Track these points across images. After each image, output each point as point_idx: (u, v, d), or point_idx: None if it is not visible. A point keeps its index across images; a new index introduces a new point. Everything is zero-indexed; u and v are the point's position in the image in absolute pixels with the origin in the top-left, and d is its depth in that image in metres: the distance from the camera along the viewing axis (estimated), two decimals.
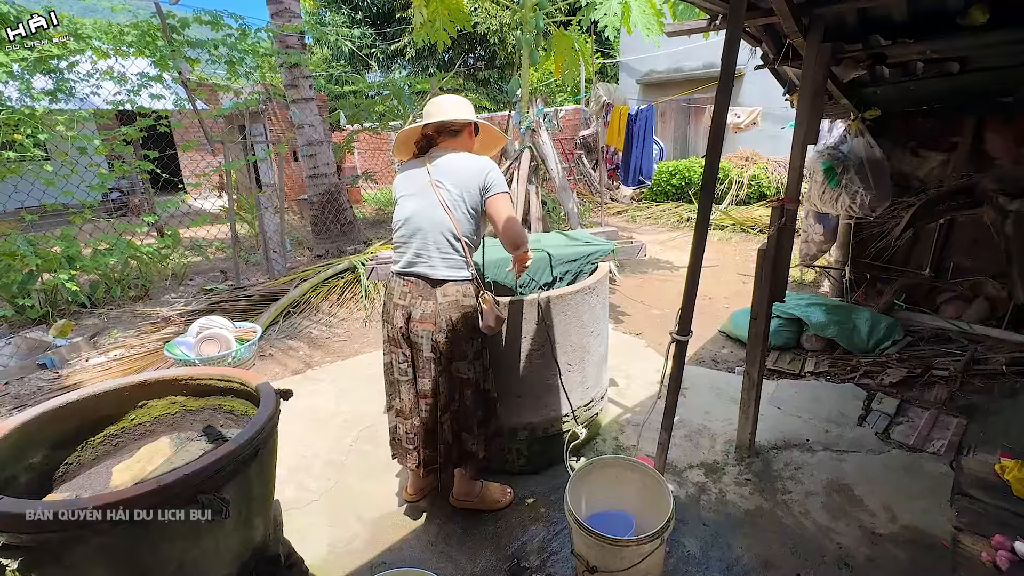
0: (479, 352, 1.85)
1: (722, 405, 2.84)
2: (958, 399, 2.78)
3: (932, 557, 1.80)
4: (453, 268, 1.77)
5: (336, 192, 6.28)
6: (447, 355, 1.79)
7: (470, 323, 1.79)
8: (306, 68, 5.90)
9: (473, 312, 1.79)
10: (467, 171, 1.78)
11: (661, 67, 10.70)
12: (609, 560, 1.57)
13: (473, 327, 1.80)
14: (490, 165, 1.82)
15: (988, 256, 3.43)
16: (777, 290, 2.14)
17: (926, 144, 3.55)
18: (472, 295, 1.80)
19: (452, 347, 1.78)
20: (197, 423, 1.45)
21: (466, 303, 1.77)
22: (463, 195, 1.76)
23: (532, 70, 11.96)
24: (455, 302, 1.76)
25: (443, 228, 1.75)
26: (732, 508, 2.11)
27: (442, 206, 1.75)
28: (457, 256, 1.77)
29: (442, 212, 1.75)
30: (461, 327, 1.77)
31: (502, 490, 2.13)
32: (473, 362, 1.83)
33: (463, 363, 1.81)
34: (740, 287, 4.88)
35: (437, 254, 1.77)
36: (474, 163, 1.81)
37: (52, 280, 4.04)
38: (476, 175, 1.78)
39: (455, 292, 1.76)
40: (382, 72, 16.34)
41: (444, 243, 1.76)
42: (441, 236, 1.76)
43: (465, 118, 1.87)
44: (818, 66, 1.88)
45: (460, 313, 1.76)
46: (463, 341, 1.79)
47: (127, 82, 4.82)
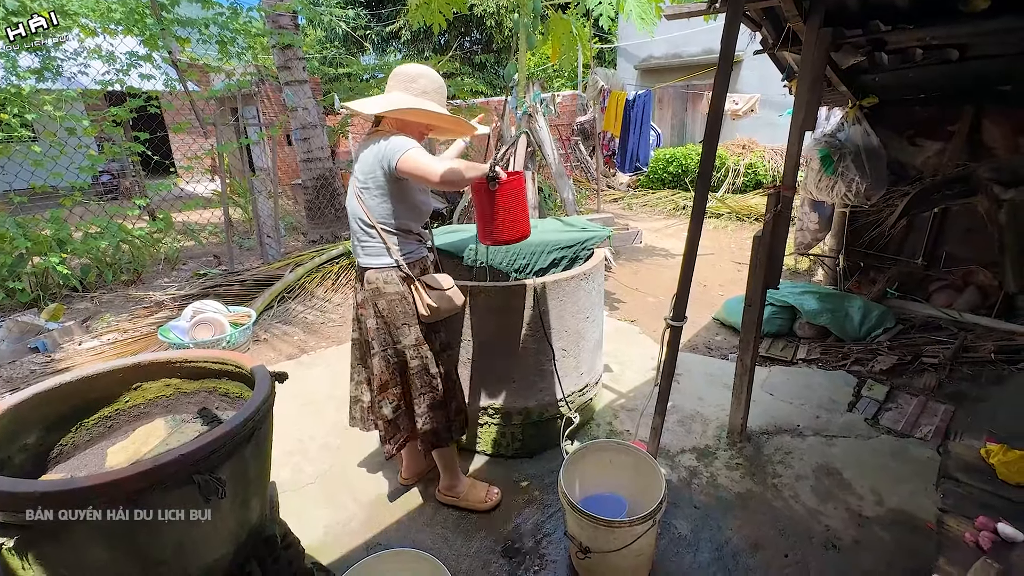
0: (424, 337, 1.80)
1: (715, 391, 2.87)
2: (947, 386, 2.82)
3: (917, 539, 1.85)
4: (371, 255, 1.76)
5: (331, 177, 6.22)
6: (381, 341, 1.79)
7: (399, 309, 1.76)
8: (299, 49, 5.79)
9: (399, 298, 1.76)
10: (371, 155, 1.68)
11: (660, 53, 10.59)
12: (602, 541, 1.59)
13: (405, 313, 1.77)
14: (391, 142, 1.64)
15: (981, 245, 3.45)
16: (771, 277, 2.15)
17: (923, 133, 3.55)
18: (395, 281, 1.75)
19: (385, 333, 1.79)
20: (192, 405, 1.45)
21: (388, 290, 1.75)
22: (368, 180, 1.70)
23: (529, 54, 11.82)
24: (376, 289, 1.75)
25: (357, 216, 1.75)
26: (723, 491, 2.14)
27: (355, 195, 1.74)
28: (374, 242, 1.74)
29: (355, 201, 1.74)
30: (388, 314, 1.76)
31: (488, 491, 2.08)
32: (417, 347, 1.79)
33: (404, 349, 1.79)
34: (735, 275, 4.90)
35: (358, 243, 1.78)
36: (379, 146, 1.67)
37: (43, 263, 3.99)
38: (377, 156, 1.66)
39: (375, 279, 1.75)
40: (377, 55, 16.08)
41: (360, 231, 1.76)
42: (357, 225, 1.76)
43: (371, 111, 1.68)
44: (818, 51, 1.86)
45: (384, 300, 1.75)
46: (394, 327, 1.77)
47: (116, 61, 4.72)
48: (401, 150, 1.62)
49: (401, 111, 1.70)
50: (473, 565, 1.82)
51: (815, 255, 4.37)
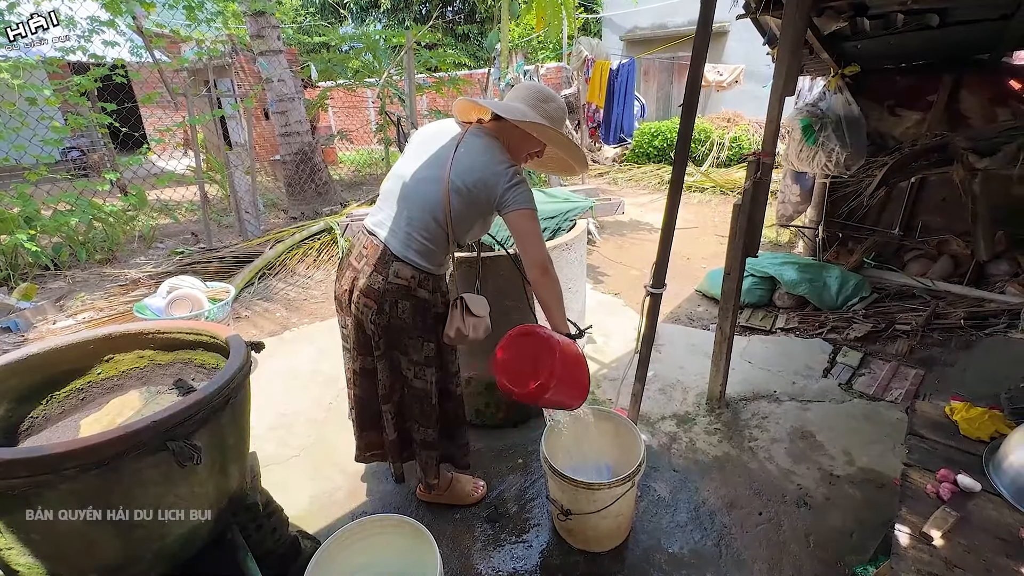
0: (431, 359, 1.62)
1: (696, 360, 2.92)
2: (918, 352, 2.91)
3: (884, 494, 1.93)
4: (419, 253, 1.51)
5: (310, 151, 6.07)
6: (388, 343, 1.58)
7: (419, 318, 1.55)
8: (273, 17, 5.57)
9: (424, 307, 1.55)
10: (487, 169, 1.48)
11: (645, 23, 10.41)
12: (582, 503, 1.63)
13: (422, 326, 1.57)
14: (512, 174, 1.49)
15: (955, 215, 3.52)
16: (751, 245, 2.16)
17: (903, 103, 3.57)
18: (429, 288, 1.55)
19: (393, 337, 1.57)
20: (167, 377, 1.43)
21: (419, 294, 1.53)
22: (470, 186, 1.47)
23: (513, 24, 11.47)
24: (404, 288, 1.51)
25: (431, 206, 1.49)
26: (701, 455, 2.20)
27: (444, 184, 1.47)
28: (429, 243, 1.51)
29: (440, 190, 1.47)
30: (407, 318, 1.53)
31: (474, 484, 1.99)
32: (422, 367, 1.60)
33: (405, 359, 1.60)
34: (718, 248, 4.94)
35: (409, 228, 1.51)
36: (500, 166, 1.49)
37: (11, 241, 3.86)
38: (494, 174, 1.48)
39: (409, 277, 1.51)
40: (356, 24, 15.53)
41: (424, 221, 1.50)
42: (425, 213, 1.49)
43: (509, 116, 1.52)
44: (799, 14, 1.84)
45: (408, 303, 1.52)
46: (406, 336, 1.56)
47: (76, 26, 4.49)
48: (527, 203, 1.47)
49: (537, 128, 1.54)
50: (458, 530, 1.86)
51: (796, 226, 4.41)
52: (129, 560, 1.08)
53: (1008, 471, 1.30)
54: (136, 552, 1.08)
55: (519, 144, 1.62)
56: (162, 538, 1.10)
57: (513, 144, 1.61)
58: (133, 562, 1.09)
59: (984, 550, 1.15)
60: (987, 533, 1.19)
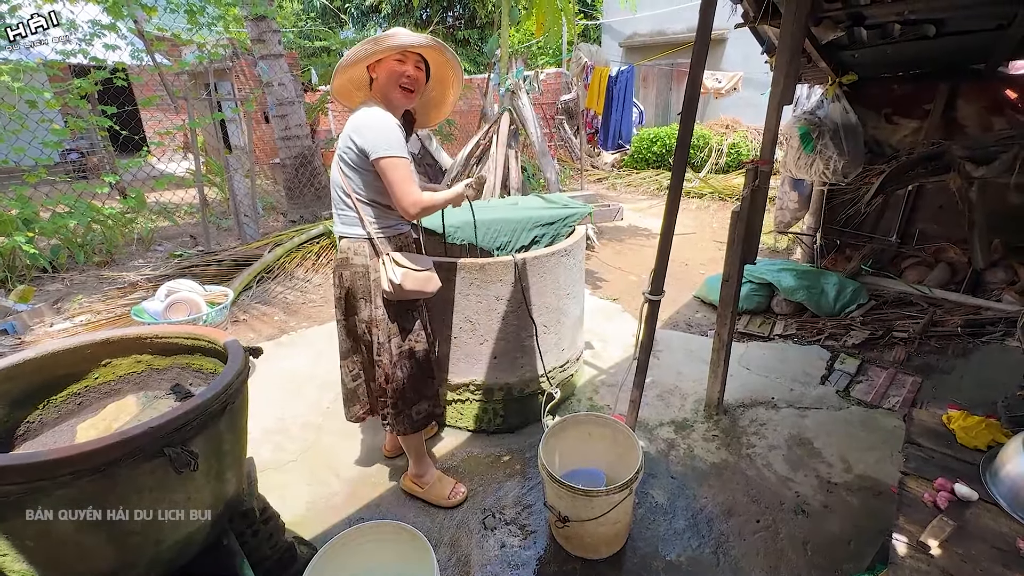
0: (385, 316, 1.74)
1: (694, 366, 2.92)
2: (915, 359, 2.91)
3: (882, 502, 1.93)
4: (346, 224, 1.73)
5: (310, 155, 6.06)
6: (343, 310, 1.80)
7: (359, 283, 1.74)
8: (274, 21, 5.58)
9: (365, 272, 1.72)
10: (348, 126, 1.64)
11: (644, 30, 10.47)
12: (580, 510, 1.63)
13: (365, 288, 1.74)
14: (366, 121, 1.59)
15: (951, 223, 3.54)
16: (749, 252, 2.17)
17: (900, 111, 3.60)
18: (364, 254, 1.72)
19: (347, 303, 1.79)
20: (164, 381, 1.42)
21: (356, 261, 1.72)
22: (344, 151, 1.66)
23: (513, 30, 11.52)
24: (345, 259, 1.74)
25: (335, 184, 1.72)
26: (699, 462, 2.20)
27: (336, 161, 1.70)
28: (350, 212, 1.71)
29: (335, 167, 1.71)
30: (351, 285, 1.75)
31: (454, 488, 2.00)
32: (372, 324, 1.75)
33: (357, 320, 1.79)
34: (716, 254, 4.95)
35: (335, 210, 1.76)
36: (355, 117, 1.64)
37: (9, 243, 3.85)
38: (351, 130, 1.62)
39: (346, 248, 1.74)
40: (356, 29, 15.58)
41: (337, 199, 1.73)
42: (335, 192, 1.73)
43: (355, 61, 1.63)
44: (797, 23, 1.86)
45: (349, 271, 1.73)
46: (354, 299, 1.76)
47: (77, 29, 4.49)
48: (386, 151, 1.56)
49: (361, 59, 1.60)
50: (456, 536, 1.85)
51: (794, 233, 4.43)
52: (123, 566, 1.07)
53: (1005, 480, 1.30)
54: (130, 558, 1.07)
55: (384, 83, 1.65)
56: (157, 544, 1.09)
57: (378, 87, 1.67)
58: (127, 568, 1.08)
59: (981, 559, 1.15)
60: (984, 542, 1.19)
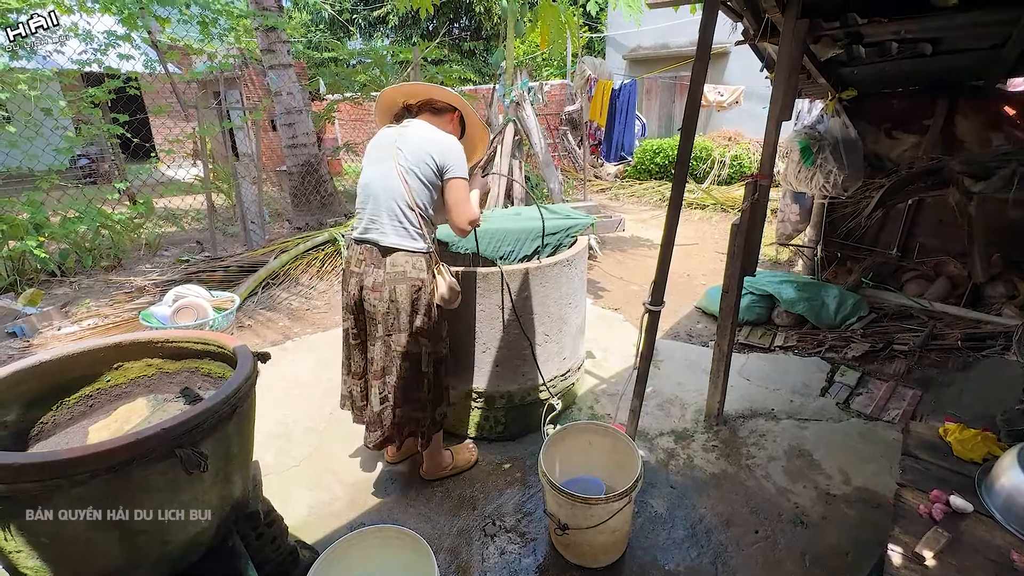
0: (425, 330, 1.79)
1: (694, 377, 2.94)
2: (915, 372, 2.92)
3: (880, 514, 1.94)
4: (404, 238, 1.73)
5: (316, 163, 6.15)
6: (389, 326, 1.77)
7: (415, 296, 1.75)
8: (283, 32, 5.69)
9: (420, 286, 1.75)
10: (429, 143, 1.74)
11: (648, 43, 10.59)
12: (580, 517, 1.65)
13: (419, 301, 1.76)
14: (452, 144, 1.77)
15: (951, 237, 3.56)
16: (748, 264, 2.20)
17: (900, 126, 3.64)
18: (423, 268, 1.75)
19: (395, 318, 1.76)
20: (174, 385, 1.46)
21: (413, 275, 1.73)
22: (418, 165, 1.72)
23: (518, 42, 11.66)
24: (402, 273, 1.72)
25: (396, 195, 1.71)
26: (698, 472, 2.21)
27: (398, 173, 1.71)
28: (409, 226, 1.73)
29: (397, 179, 1.71)
30: (404, 299, 1.73)
31: (469, 449, 2.25)
32: (416, 337, 1.78)
33: (403, 335, 1.77)
34: (718, 265, 4.98)
35: (388, 222, 1.73)
36: (438, 137, 1.77)
37: (19, 247, 3.91)
38: (435, 150, 1.74)
39: (403, 263, 1.73)
40: (363, 40, 15.82)
41: (396, 211, 1.72)
42: (394, 203, 1.72)
43: (449, 100, 1.89)
44: (795, 42, 1.90)
45: (406, 285, 1.72)
46: (404, 313, 1.75)
47: (93, 40, 4.60)
48: (462, 172, 1.76)
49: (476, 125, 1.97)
50: (456, 543, 1.86)
51: (795, 245, 4.46)
52: (131, 565, 1.10)
53: (1000, 493, 1.32)
54: (138, 557, 1.09)
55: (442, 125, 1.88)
56: (164, 544, 1.12)
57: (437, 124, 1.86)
58: (134, 567, 1.10)
59: (975, 571, 1.16)
60: (978, 554, 1.20)
